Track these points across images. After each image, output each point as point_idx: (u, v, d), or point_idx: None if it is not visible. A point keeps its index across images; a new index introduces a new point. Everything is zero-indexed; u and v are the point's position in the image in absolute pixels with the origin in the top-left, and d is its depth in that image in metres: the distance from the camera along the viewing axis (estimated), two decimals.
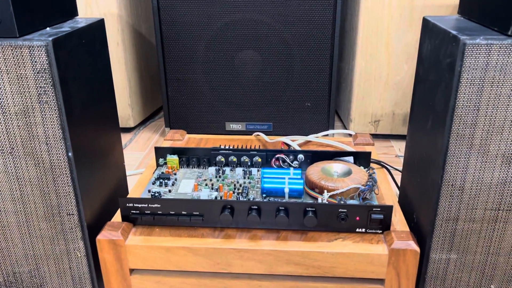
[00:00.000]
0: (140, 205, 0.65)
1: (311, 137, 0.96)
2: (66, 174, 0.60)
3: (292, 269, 0.62)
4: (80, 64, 0.62)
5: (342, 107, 1.40)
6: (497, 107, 0.52)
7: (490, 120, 0.53)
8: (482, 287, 0.62)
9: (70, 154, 0.59)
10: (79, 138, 0.61)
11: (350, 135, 1.28)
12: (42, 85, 0.55)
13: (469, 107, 0.52)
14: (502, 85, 0.51)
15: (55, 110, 0.56)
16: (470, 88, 0.51)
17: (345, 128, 1.36)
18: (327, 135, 1.23)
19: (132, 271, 0.66)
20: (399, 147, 1.25)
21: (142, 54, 1.39)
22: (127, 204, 0.65)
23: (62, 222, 0.62)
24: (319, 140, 0.95)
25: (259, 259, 0.62)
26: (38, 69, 0.55)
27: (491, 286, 0.62)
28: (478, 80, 0.51)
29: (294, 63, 1.18)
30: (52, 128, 0.57)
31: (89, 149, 0.65)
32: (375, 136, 1.30)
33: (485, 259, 0.61)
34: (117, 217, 0.68)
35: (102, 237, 0.62)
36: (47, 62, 0.54)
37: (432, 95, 0.59)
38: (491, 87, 0.51)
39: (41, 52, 0.54)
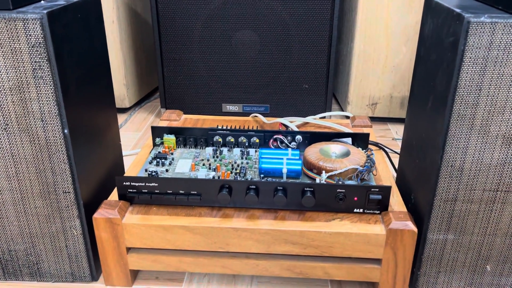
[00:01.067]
0: (137, 184, 0.64)
1: (309, 119, 0.96)
2: (62, 151, 0.59)
3: (290, 249, 0.62)
4: (76, 39, 0.60)
5: (340, 90, 1.39)
6: (500, 87, 0.51)
7: (492, 101, 0.52)
8: (478, 267, 0.63)
9: (66, 131, 0.58)
10: (75, 115, 0.60)
11: (347, 117, 1.28)
12: (37, 60, 0.54)
13: (471, 87, 0.52)
14: (506, 64, 0.50)
15: (50, 86, 0.55)
16: (473, 68, 0.51)
17: (343, 110, 1.35)
18: (324, 117, 1.22)
19: (128, 249, 0.65)
20: (396, 130, 1.25)
21: (138, 33, 1.37)
22: (124, 183, 0.64)
23: (58, 200, 0.62)
24: (317, 121, 0.94)
25: (257, 238, 0.62)
26: (32, 43, 0.53)
27: (487, 266, 0.63)
28: (481, 59, 0.50)
29: (292, 44, 1.16)
30: (48, 104, 0.56)
31: (85, 126, 0.64)
32: (372, 119, 1.30)
33: (482, 239, 0.61)
34: (114, 195, 0.67)
35: (99, 215, 0.62)
36: (42, 35, 0.53)
37: (433, 75, 0.58)
38: (494, 66, 0.50)
39: (36, 25, 0.52)
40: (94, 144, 0.68)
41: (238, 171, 0.71)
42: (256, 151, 0.77)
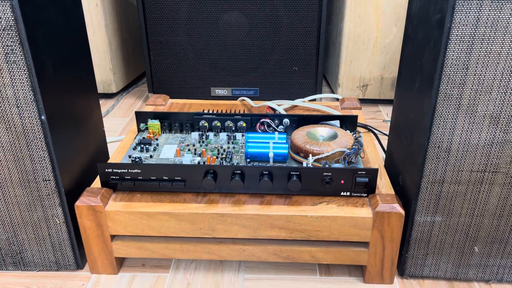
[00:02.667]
0: (119, 171, 0.63)
1: (297, 101, 0.94)
2: (40, 138, 0.57)
3: (276, 233, 0.62)
4: (51, 22, 0.58)
5: (330, 72, 1.37)
6: (487, 65, 0.50)
7: (479, 79, 0.51)
8: (466, 249, 0.63)
9: (43, 117, 0.56)
10: (52, 101, 0.58)
11: (337, 99, 1.26)
12: (8, 44, 0.52)
13: (458, 65, 0.50)
14: (493, 42, 0.49)
15: (24, 71, 0.53)
16: (459, 45, 0.49)
17: (333, 92, 1.33)
18: (314, 99, 1.21)
19: (113, 237, 0.64)
20: (387, 112, 1.24)
21: (123, 15, 1.34)
22: (106, 170, 0.63)
23: (39, 188, 0.60)
24: (306, 104, 0.93)
25: (243, 223, 0.61)
26: (3, 26, 0.51)
27: (475, 247, 0.62)
28: (468, 37, 0.49)
29: (281, 25, 1.14)
30: (23, 90, 0.54)
31: (64, 112, 0.62)
32: (363, 101, 1.28)
33: (470, 221, 0.60)
34: (97, 183, 0.66)
35: (81, 203, 0.61)
36: (13, 18, 0.51)
37: (421, 54, 0.57)
38: (481, 44, 0.49)
39: (6, 8, 0.50)
40: (75, 130, 0.66)
41: (224, 156, 0.70)
42: (242, 136, 0.76)
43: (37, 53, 0.54)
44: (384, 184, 0.66)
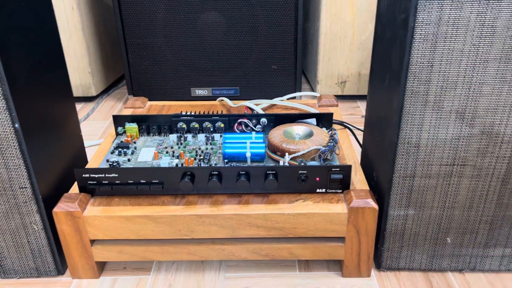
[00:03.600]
0: (97, 176, 0.63)
1: (275, 101, 0.95)
2: (14, 146, 0.57)
3: (255, 232, 0.63)
4: (22, 28, 0.58)
5: (310, 69, 1.38)
6: (451, 62, 0.52)
7: (444, 76, 0.52)
8: (439, 240, 0.64)
9: (17, 125, 0.56)
10: (26, 108, 0.58)
11: (316, 97, 1.28)
12: None
13: (423, 63, 0.52)
14: (455, 40, 0.50)
15: None
16: (423, 44, 0.51)
17: (313, 90, 1.35)
18: (294, 97, 1.22)
19: (93, 242, 0.65)
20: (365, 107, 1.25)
21: (100, 18, 1.33)
22: (84, 175, 0.63)
23: (15, 196, 0.60)
24: (283, 103, 0.94)
25: (221, 224, 0.62)
26: None
27: (447, 238, 0.64)
28: (432, 36, 0.50)
29: (258, 24, 1.15)
30: None
31: (39, 119, 0.62)
32: (342, 97, 1.30)
33: (441, 213, 0.62)
34: (75, 188, 0.66)
35: (58, 209, 0.61)
36: None
37: (389, 52, 0.58)
38: (444, 42, 0.50)
39: None
40: (51, 137, 0.66)
41: (202, 157, 0.70)
42: (221, 136, 0.77)
43: (8, 60, 0.54)
44: (359, 179, 0.67)
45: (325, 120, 0.79)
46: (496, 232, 0.63)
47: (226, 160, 0.69)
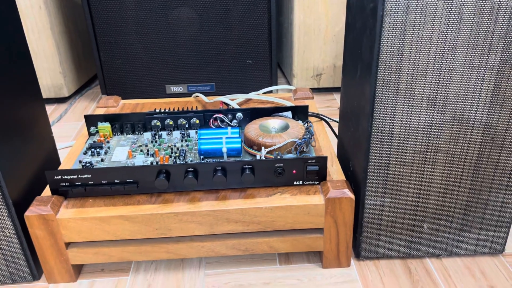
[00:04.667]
0: (69, 177, 0.62)
1: (251, 95, 0.95)
2: None
3: (233, 227, 0.62)
4: None
5: (285, 63, 1.38)
6: (420, 50, 0.52)
7: (414, 64, 0.53)
8: (415, 227, 0.65)
9: None
10: None
11: (291, 90, 1.28)
12: None
13: (393, 52, 0.52)
14: (423, 27, 0.51)
15: None
16: (393, 32, 0.51)
17: (289, 84, 1.35)
18: (271, 91, 1.22)
19: (68, 245, 0.63)
20: None
21: (69, 17, 1.30)
22: (55, 177, 0.62)
23: None
24: (259, 97, 0.94)
25: (199, 220, 0.61)
26: None
27: (424, 225, 0.65)
28: (400, 24, 0.50)
29: (232, 18, 1.14)
30: None
31: (6, 122, 0.60)
32: (319, 90, 1.31)
33: (417, 200, 0.63)
34: (47, 191, 0.65)
35: (30, 213, 0.59)
36: None
37: (360, 42, 0.58)
38: (413, 30, 0.51)
39: None
40: (19, 139, 0.64)
41: (177, 154, 0.69)
42: (196, 133, 0.76)
43: None
44: (335, 170, 0.67)
45: (300, 113, 0.79)
46: (471, 216, 0.64)
47: (202, 157, 0.69)
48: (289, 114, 0.79)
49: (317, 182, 0.64)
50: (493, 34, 0.51)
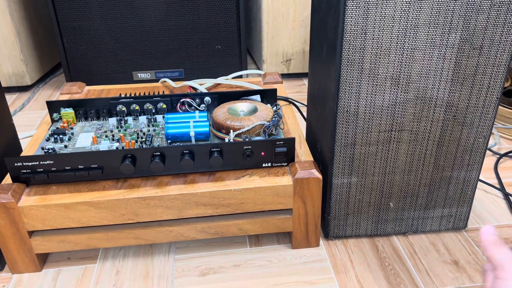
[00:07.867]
0: (30, 164, 0.60)
1: (220, 80, 0.94)
2: None
3: (202, 211, 0.62)
4: None
5: (255, 48, 1.37)
6: (383, 29, 0.52)
7: (378, 43, 0.53)
8: (382, 205, 0.66)
9: None
10: None
11: (261, 75, 1.27)
12: None
13: (356, 31, 0.52)
14: (386, 6, 0.51)
15: None
16: (356, 11, 0.51)
17: (259, 69, 1.34)
18: (240, 76, 1.21)
19: (31, 233, 0.61)
20: None
21: (30, 2, 1.25)
22: (16, 164, 0.59)
23: None
24: (228, 82, 0.93)
25: (166, 205, 0.61)
26: None
27: (390, 203, 0.67)
28: (363, 3, 0.51)
29: (199, 3, 1.12)
30: None
31: None
32: (289, 75, 1.31)
33: (383, 179, 0.64)
34: (8, 179, 0.62)
35: None
36: None
37: (325, 23, 0.58)
38: (376, 9, 0.51)
39: None
40: None
41: (144, 139, 0.68)
42: (163, 117, 0.75)
43: None
44: (304, 152, 0.68)
45: (269, 96, 0.79)
46: (435, 193, 0.66)
47: (169, 141, 0.68)
48: (257, 97, 0.78)
49: (286, 164, 0.64)
50: (453, 13, 0.52)
